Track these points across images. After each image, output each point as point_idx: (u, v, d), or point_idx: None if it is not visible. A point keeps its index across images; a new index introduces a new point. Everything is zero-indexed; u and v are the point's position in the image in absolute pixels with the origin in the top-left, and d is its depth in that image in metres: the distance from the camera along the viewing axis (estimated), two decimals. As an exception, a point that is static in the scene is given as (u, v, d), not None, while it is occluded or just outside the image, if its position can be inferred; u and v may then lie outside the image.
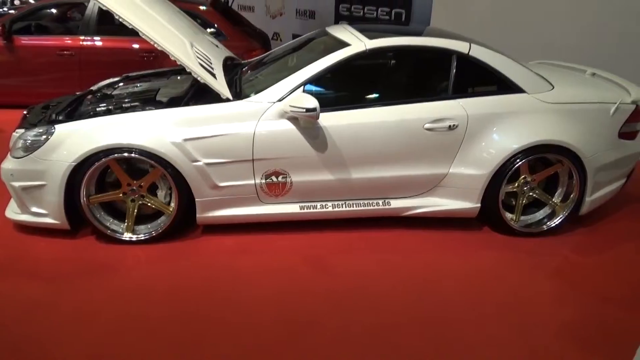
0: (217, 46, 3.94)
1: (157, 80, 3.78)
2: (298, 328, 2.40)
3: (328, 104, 3.02)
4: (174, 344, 2.25)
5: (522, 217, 3.34)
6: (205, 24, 5.40)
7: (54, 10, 6.18)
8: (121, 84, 3.82)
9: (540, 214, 3.38)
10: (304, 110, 2.80)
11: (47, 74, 5.54)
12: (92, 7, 5.51)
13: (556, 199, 3.34)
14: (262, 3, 8.23)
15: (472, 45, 3.20)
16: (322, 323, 2.43)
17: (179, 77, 3.77)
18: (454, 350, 2.30)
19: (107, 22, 5.64)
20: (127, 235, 3.04)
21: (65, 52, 5.45)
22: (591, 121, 3.22)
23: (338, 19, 7.04)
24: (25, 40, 5.52)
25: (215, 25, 5.67)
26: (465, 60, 3.16)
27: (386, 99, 3.16)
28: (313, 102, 2.79)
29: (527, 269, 2.96)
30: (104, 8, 2.77)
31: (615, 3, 4.62)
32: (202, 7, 5.74)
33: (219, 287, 2.69)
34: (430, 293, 2.71)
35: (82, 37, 5.50)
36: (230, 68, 3.69)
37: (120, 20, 2.81)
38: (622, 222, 3.57)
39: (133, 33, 2.92)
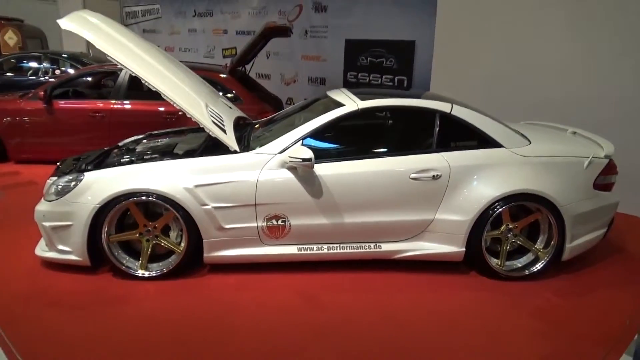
0: (230, 107, 4.42)
1: (176, 137, 4.24)
2: (282, 355, 2.63)
3: (325, 156, 3.40)
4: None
5: (507, 263, 3.56)
6: (224, 90, 5.99)
7: (89, 78, 6.88)
8: (144, 140, 4.30)
9: (524, 260, 3.60)
10: (301, 160, 3.18)
11: (80, 133, 6.13)
12: (123, 76, 6.16)
13: (538, 245, 3.57)
14: (278, 71, 8.93)
15: (454, 105, 3.59)
16: (304, 352, 2.66)
17: (195, 134, 4.22)
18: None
19: (136, 88, 6.30)
20: (140, 272, 3.36)
21: (97, 113, 6.05)
22: (565, 173, 3.50)
23: (346, 86, 7.62)
24: (63, 104, 6.16)
25: (233, 91, 6.24)
26: (448, 119, 3.55)
27: (377, 152, 3.53)
28: (309, 153, 3.18)
29: (508, 309, 3.16)
30: (132, 74, 3.26)
31: (608, 66, 5.02)
32: (222, 75, 6.35)
33: (218, 319, 2.95)
34: (410, 326, 2.92)
35: (112, 101, 6.11)
36: (242, 126, 4.15)
37: (146, 84, 3.28)
38: (603, 271, 3.74)
39: (158, 97, 3.39)
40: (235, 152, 3.40)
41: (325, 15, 7.89)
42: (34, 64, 9.29)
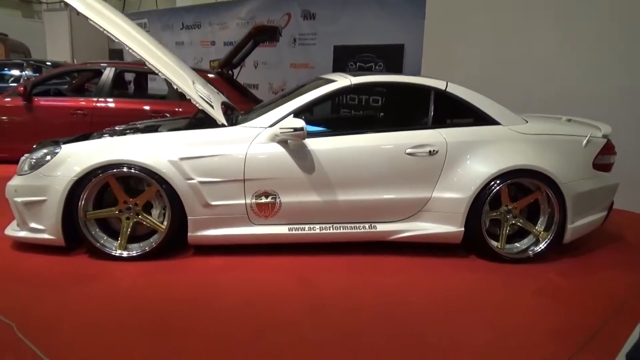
0: (217, 93, 4.28)
1: (160, 122, 4.07)
2: (271, 329, 2.41)
3: (317, 132, 3.25)
4: (149, 349, 2.26)
5: (508, 246, 3.41)
6: (211, 90, 5.86)
7: (73, 76, 6.70)
8: (126, 126, 4.11)
9: (525, 242, 3.45)
10: (292, 129, 3.03)
11: (61, 132, 5.88)
12: (107, 73, 5.99)
13: (539, 227, 3.43)
14: (266, 81, 8.87)
15: (448, 83, 3.50)
16: (296, 325, 2.45)
17: (181, 120, 4.06)
18: (431, 357, 2.29)
19: (121, 86, 6.15)
20: (119, 252, 3.12)
21: (78, 111, 5.85)
22: (565, 151, 3.41)
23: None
24: (43, 102, 5.95)
25: (222, 91, 6.11)
26: (443, 96, 3.45)
27: (370, 128, 3.40)
28: (300, 123, 3.03)
29: (511, 288, 2.99)
30: (116, 40, 3.11)
31: (594, 62, 5.02)
32: (210, 75, 6.23)
33: (201, 297, 2.72)
34: (408, 305, 2.72)
35: (95, 99, 5.93)
36: (228, 113, 3.99)
37: (131, 52, 3.13)
38: (606, 253, 3.62)
39: (143, 96, 3.23)
40: (222, 125, 3.24)
41: (313, 22, 7.91)
42: (16, 72, 9.09)
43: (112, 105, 5.94)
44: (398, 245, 3.37)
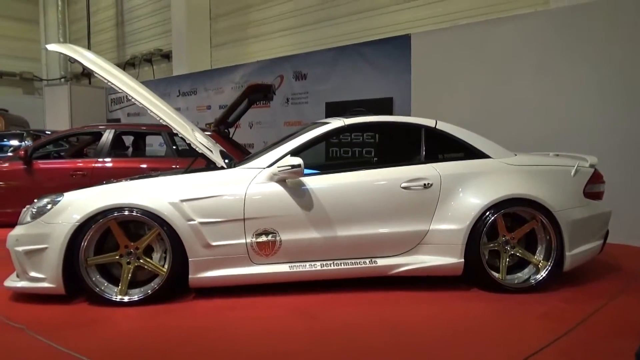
0: (215, 143, 4.41)
1: (159, 173, 4.16)
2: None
3: (314, 173, 3.35)
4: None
5: (509, 277, 3.42)
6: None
7: (72, 139, 6.86)
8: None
9: (526, 272, 3.46)
10: (290, 167, 3.12)
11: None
12: (107, 135, 6.16)
13: (538, 256, 3.46)
14: (261, 139, 9.10)
15: (437, 121, 3.66)
16: (299, 355, 2.40)
17: (178, 171, 4.15)
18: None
19: (119, 147, 6.30)
20: (119, 297, 3.09)
21: (78, 172, 5.95)
22: (555, 181, 3.51)
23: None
24: (43, 164, 6.07)
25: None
26: (433, 132, 3.59)
27: (366, 165, 3.50)
28: (297, 160, 3.13)
29: (516, 315, 2.96)
30: (118, 90, 3.27)
31: (581, 98, 5.26)
32: (207, 133, 6.41)
33: (204, 339, 2.67)
34: (413, 334, 2.70)
35: (94, 159, 6.05)
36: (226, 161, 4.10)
37: (132, 99, 3.29)
38: (608, 281, 3.63)
39: (142, 155, 3.36)
40: (222, 168, 3.33)
41: (305, 82, 8.25)
42: (15, 142, 9.28)
43: (110, 165, 6.05)
44: (400, 279, 3.37)
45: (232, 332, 2.73)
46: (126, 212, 3.07)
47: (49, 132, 9.47)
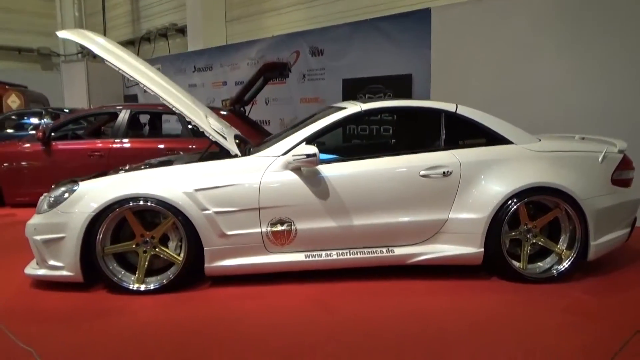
0: (229, 126, 4.35)
1: (174, 157, 4.13)
2: (292, 355, 2.36)
3: (330, 159, 3.27)
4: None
5: (530, 266, 3.33)
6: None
7: (89, 119, 6.88)
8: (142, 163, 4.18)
9: (548, 262, 3.37)
10: (305, 156, 3.05)
11: (78, 173, 5.99)
12: (123, 115, 6.15)
13: (561, 245, 3.36)
14: (277, 116, 9.01)
15: (458, 105, 3.52)
16: (315, 354, 2.38)
17: (194, 155, 4.12)
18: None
19: (136, 127, 6.29)
20: (136, 286, 3.11)
21: (95, 153, 5.97)
22: (581, 167, 3.37)
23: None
24: (61, 145, 6.10)
25: (234, 127, 6.21)
26: (453, 118, 3.46)
27: (384, 152, 3.40)
28: (312, 149, 3.06)
29: (537, 308, 2.89)
30: (130, 78, 3.21)
31: (602, 78, 5.04)
32: (222, 112, 6.36)
33: (222, 325, 2.68)
34: (433, 327, 2.65)
35: (111, 140, 6.06)
36: (241, 145, 4.04)
37: (143, 87, 3.22)
38: (634, 270, 3.51)
39: (158, 136, 3.31)
40: (236, 155, 3.28)
41: (322, 58, 8.07)
42: (34, 120, 9.37)
43: (127, 145, 6.05)
44: (417, 268, 3.31)
45: (248, 322, 2.73)
46: (141, 202, 3.06)
47: (67, 111, 9.54)
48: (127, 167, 3.91)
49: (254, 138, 6.09)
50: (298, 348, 2.43)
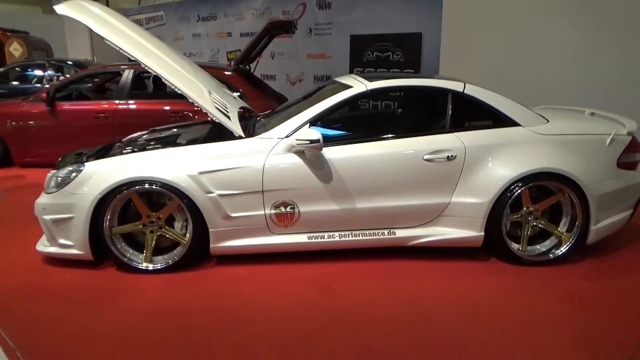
0: (234, 98, 4.30)
1: (180, 130, 4.12)
2: (292, 340, 2.47)
3: (333, 139, 3.26)
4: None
5: (529, 247, 3.38)
6: (229, 87, 5.87)
7: (94, 79, 6.81)
8: (147, 135, 4.18)
9: (547, 244, 3.41)
10: (309, 141, 3.04)
11: (84, 135, 6.02)
12: (126, 75, 6.07)
13: (561, 228, 3.39)
14: (283, 71, 8.85)
15: (466, 84, 3.44)
16: (316, 342, 2.49)
17: (199, 127, 4.10)
18: (454, 362, 2.31)
19: (140, 88, 6.22)
20: (144, 265, 3.22)
21: (100, 114, 5.96)
22: (587, 151, 3.33)
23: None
24: (66, 106, 6.08)
25: (239, 88, 6.13)
26: (461, 98, 3.39)
27: (387, 135, 3.37)
28: (316, 135, 3.04)
29: (534, 293, 2.97)
30: (131, 57, 3.14)
31: (612, 47, 4.86)
32: (227, 72, 6.24)
33: (227, 309, 2.80)
34: (431, 313, 2.74)
35: (116, 101, 6.02)
36: (247, 118, 4.02)
37: (145, 67, 3.17)
38: (632, 253, 3.55)
39: (162, 96, 3.27)
40: (240, 137, 3.27)
41: (329, 12, 7.81)
42: (38, 72, 9.27)
43: (132, 106, 6.03)
44: (417, 249, 3.38)
45: (251, 304, 2.84)
46: (146, 186, 3.09)
47: (70, 62, 9.40)
48: (131, 140, 3.92)
49: (259, 100, 6.04)
50: (298, 338, 2.54)
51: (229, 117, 3.40)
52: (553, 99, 5.11)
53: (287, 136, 3.22)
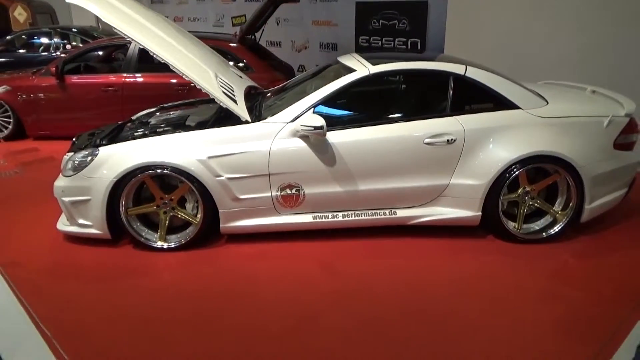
0: (240, 77, 4.38)
1: (188, 109, 4.23)
2: (301, 322, 2.68)
3: (337, 123, 3.37)
4: (189, 336, 2.57)
5: (525, 226, 3.53)
6: (235, 59, 5.92)
7: (100, 52, 6.85)
8: (157, 113, 4.30)
9: (542, 222, 3.56)
10: (313, 128, 3.16)
11: (94, 108, 6.16)
12: (133, 48, 6.12)
13: (557, 207, 3.52)
14: (288, 38, 8.79)
15: (468, 67, 3.50)
16: (323, 317, 2.71)
17: (206, 106, 4.21)
18: (446, 340, 2.52)
19: (147, 61, 6.25)
20: (159, 244, 3.42)
21: (109, 88, 6.06)
22: (584, 133, 3.42)
23: (358, 50, 7.47)
24: (75, 79, 6.17)
25: (244, 60, 6.16)
26: (462, 81, 3.46)
27: (390, 118, 3.48)
28: (320, 121, 3.15)
29: (525, 272, 3.15)
30: (141, 47, 3.23)
31: (613, 22, 4.82)
32: (232, 44, 6.26)
33: (237, 288, 3.01)
34: (426, 292, 2.94)
35: (124, 75, 6.10)
36: (253, 96, 4.12)
37: (155, 56, 3.25)
38: (625, 231, 3.70)
39: (168, 69, 3.36)
40: (246, 122, 3.38)
41: (335, -23, 7.68)
42: (44, 40, 9.27)
43: (140, 80, 6.11)
44: (417, 228, 3.54)
45: (259, 282, 3.05)
46: (158, 170, 3.25)
47: (75, 30, 9.38)
48: (142, 121, 4.05)
49: (265, 72, 6.09)
50: (305, 305, 2.76)
51: (235, 101, 3.50)
52: (558, 71, 5.12)
53: (292, 120, 3.33)
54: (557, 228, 3.47)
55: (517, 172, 3.32)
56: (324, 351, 2.45)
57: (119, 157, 3.30)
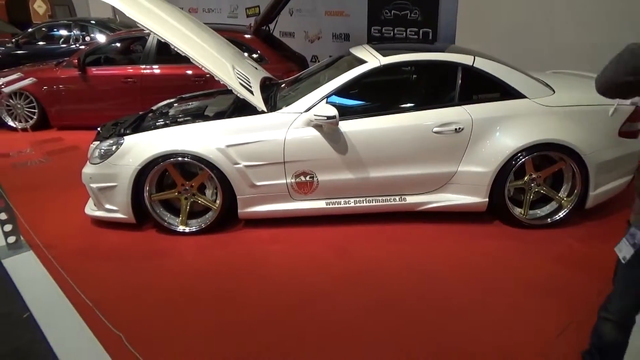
0: (256, 68, 4.54)
1: (206, 100, 4.41)
2: (314, 298, 2.86)
3: (349, 112, 3.52)
4: (208, 311, 2.77)
5: (530, 211, 3.66)
6: (249, 50, 6.08)
7: (119, 44, 7.05)
8: (176, 104, 4.48)
9: (547, 209, 3.68)
10: (326, 118, 3.31)
11: (114, 99, 6.38)
12: (151, 40, 6.31)
13: (562, 194, 3.64)
14: (301, 29, 8.90)
15: (476, 58, 3.61)
16: (335, 295, 2.88)
17: (224, 96, 4.38)
18: (452, 319, 2.68)
19: (165, 53, 6.44)
20: (181, 228, 3.62)
21: (128, 79, 6.26)
22: (590, 121, 3.52)
23: (370, 40, 7.57)
24: (96, 71, 6.39)
25: (258, 51, 6.32)
26: (470, 71, 3.57)
27: (400, 108, 3.61)
28: (333, 111, 3.30)
29: (530, 256, 3.28)
30: (161, 40, 3.39)
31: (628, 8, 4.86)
32: (246, 36, 6.42)
33: (253, 270, 3.20)
34: (433, 274, 3.09)
35: (143, 66, 6.30)
36: (268, 86, 4.28)
37: (175, 49, 3.42)
38: (628, 216, 3.78)
39: (186, 61, 3.54)
40: (262, 112, 3.55)
41: (348, -32, 7.75)
42: (64, 32, 9.51)
43: (157, 71, 6.31)
44: (426, 213, 3.69)
45: (273, 265, 3.24)
46: (180, 158, 3.44)
47: (93, 22, 9.60)
48: (162, 111, 4.24)
49: (279, 63, 6.24)
50: (319, 286, 2.94)
51: (252, 92, 3.66)
52: (570, 55, 5.17)
53: (305, 111, 3.49)
54: (562, 214, 3.59)
55: (523, 160, 3.44)
56: (334, 324, 2.62)
57: (143, 146, 3.49)
